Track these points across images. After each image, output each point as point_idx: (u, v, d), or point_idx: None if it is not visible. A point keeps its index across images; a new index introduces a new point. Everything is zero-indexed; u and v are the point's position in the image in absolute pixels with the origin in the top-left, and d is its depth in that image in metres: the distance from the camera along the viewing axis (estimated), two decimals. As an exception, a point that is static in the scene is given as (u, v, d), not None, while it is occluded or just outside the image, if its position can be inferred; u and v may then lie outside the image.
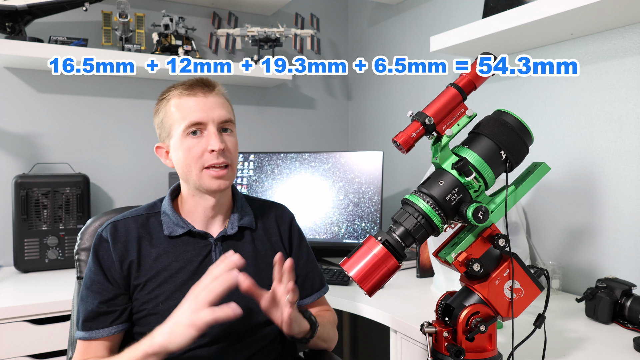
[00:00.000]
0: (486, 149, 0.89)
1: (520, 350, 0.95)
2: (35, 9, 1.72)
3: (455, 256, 0.89)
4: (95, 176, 2.02)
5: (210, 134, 1.04)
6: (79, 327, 1.02)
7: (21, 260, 1.74)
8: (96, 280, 1.02)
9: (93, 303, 1.01)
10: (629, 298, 1.21)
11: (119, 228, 1.06)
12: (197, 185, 1.06)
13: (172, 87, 1.09)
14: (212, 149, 1.03)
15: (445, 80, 1.96)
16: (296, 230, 1.23)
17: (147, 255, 1.05)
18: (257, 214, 1.19)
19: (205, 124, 1.04)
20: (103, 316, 1.01)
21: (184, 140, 1.04)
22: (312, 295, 1.21)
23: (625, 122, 1.39)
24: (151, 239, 1.07)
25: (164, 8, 2.12)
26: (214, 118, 1.05)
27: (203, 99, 1.05)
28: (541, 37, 1.51)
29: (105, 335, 1.00)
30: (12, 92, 1.90)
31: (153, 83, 2.13)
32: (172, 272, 1.05)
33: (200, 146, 1.04)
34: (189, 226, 1.08)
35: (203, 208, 1.09)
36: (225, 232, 1.11)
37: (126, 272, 1.03)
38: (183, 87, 1.07)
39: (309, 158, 1.99)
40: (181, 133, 1.04)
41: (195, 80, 1.08)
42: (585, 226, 1.50)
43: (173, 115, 1.06)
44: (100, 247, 1.04)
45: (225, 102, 1.10)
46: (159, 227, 1.08)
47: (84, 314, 1.01)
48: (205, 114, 1.04)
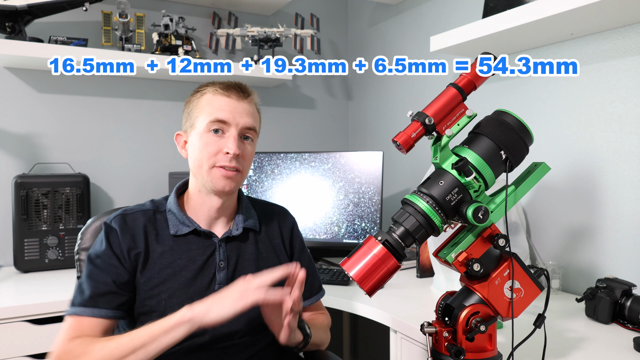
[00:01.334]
0: (486, 149, 0.89)
1: (520, 350, 0.95)
2: (35, 9, 1.72)
3: (455, 256, 0.89)
4: (95, 176, 2.02)
5: (231, 136, 1.06)
6: (81, 302, 0.98)
7: (21, 260, 1.74)
8: (109, 263, 1.01)
9: (107, 280, 0.99)
10: (629, 298, 1.21)
11: (128, 220, 1.06)
12: (204, 182, 1.07)
13: (210, 83, 1.12)
14: (228, 151, 1.05)
15: (445, 80, 1.96)
16: (298, 235, 1.25)
17: (154, 250, 1.05)
18: (261, 217, 1.20)
19: (229, 125, 1.06)
20: (112, 295, 0.99)
21: (205, 135, 1.06)
22: (311, 298, 1.23)
23: (625, 122, 1.39)
24: (157, 235, 1.07)
25: (164, 8, 2.12)
26: (239, 122, 1.07)
27: (235, 102, 1.08)
28: (541, 37, 1.51)
29: (108, 316, 0.98)
30: (12, 92, 1.90)
31: (153, 83, 2.13)
32: (176, 269, 1.05)
33: (218, 145, 1.06)
34: (194, 225, 1.09)
35: (208, 208, 1.10)
36: (230, 232, 1.12)
37: (134, 262, 1.03)
38: (220, 86, 1.09)
39: (309, 158, 1.99)
40: (204, 127, 1.06)
41: (234, 83, 1.11)
42: (585, 226, 1.50)
43: (202, 109, 1.08)
44: (110, 234, 1.04)
45: (255, 112, 1.13)
46: (164, 224, 1.09)
47: (93, 290, 0.99)
48: (232, 116, 1.06)
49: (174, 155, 2.16)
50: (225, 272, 1.08)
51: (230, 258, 1.10)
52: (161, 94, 2.16)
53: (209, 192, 1.09)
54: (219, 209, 1.11)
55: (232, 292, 0.92)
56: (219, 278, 1.08)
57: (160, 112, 2.16)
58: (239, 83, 1.12)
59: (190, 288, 1.05)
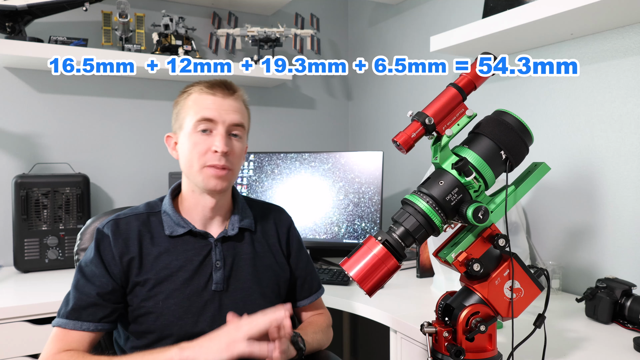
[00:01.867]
0: (486, 149, 0.89)
1: (520, 350, 0.95)
2: (35, 9, 1.72)
3: (455, 256, 0.89)
4: (95, 176, 2.02)
5: (218, 134, 1.06)
6: (65, 314, 0.99)
7: (21, 260, 1.74)
8: (97, 273, 1.02)
9: (90, 293, 1.00)
10: (629, 298, 1.21)
11: (121, 225, 1.06)
12: (196, 182, 1.07)
13: (196, 83, 1.11)
14: (216, 149, 1.04)
15: (445, 80, 1.96)
16: (295, 234, 1.25)
17: (148, 253, 1.05)
18: (257, 217, 1.20)
19: (215, 123, 1.06)
20: (95, 308, 1.00)
21: (193, 135, 1.06)
22: (310, 297, 1.24)
23: (625, 122, 1.39)
24: (152, 237, 1.07)
25: (164, 8, 2.12)
26: (225, 120, 1.07)
27: (220, 100, 1.08)
28: (541, 37, 1.51)
29: (91, 329, 0.99)
30: (12, 92, 1.90)
31: (153, 83, 2.13)
32: (172, 270, 1.05)
33: (206, 144, 1.05)
34: (189, 226, 1.08)
35: (202, 207, 1.10)
36: (225, 232, 1.12)
37: (126, 267, 1.03)
38: (205, 85, 1.09)
39: (309, 158, 1.99)
40: (192, 127, 1.06)
41: (219, 81, 1.11)
42: (585, 226, 1.50)
43: (189, 109, 1.08)
44: (102, 241, 1.04)
45: (242, 108, 1.12)
46: (159, 226, 1.09)
47: (76, 301, 1.00)
48: (217, 114, 1.06)
49: (174, 155, 2.16)
50: (222, 272, 1.08)
51: (226, 258, 1.10)
52: (161, 94, 2.16)
53: (202, 192, 1.09)
54: (213, 208, 1.10)
55: (219, 340, 0.91)
56: (216, 278, 1.07)
57: (161, 112, 2.16)
58: (224, 80, 1.11)
59: (187, 289, 1.05)
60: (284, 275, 1.19)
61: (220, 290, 1.07)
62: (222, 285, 1.08)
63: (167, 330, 1.02)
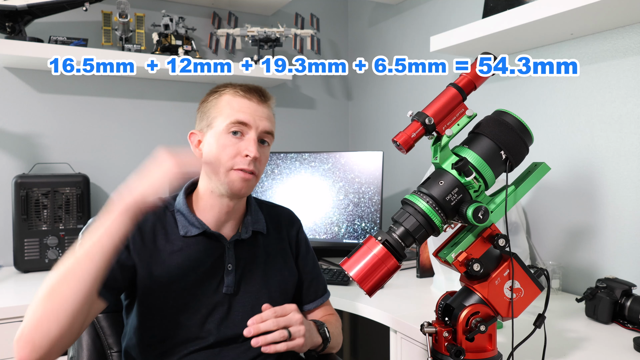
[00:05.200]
0: (486, 149, 0.89)
1: (520, 350, 0.95)
2: (35, 9, 1.72)
3: (455, 256, 0.89)
4: (95, 176, 2.02)
5: (250, 139, 1.05)
6: None
7: (21, 260, 1.74)
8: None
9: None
10: (629, 298, 1.21)
11: None
12: (220, 184, 1.06)
13: (228, 84, 1.11)
14: (248, 154, 1.04)
15: (445, 80, 1.96)
16: (303, 237, 1.26)
17: (162, 249, 1.05)
18: (267, 219, 1.20)
19: (249, 127, 1.06)
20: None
21: (223, 136, 1.05)
22: (316, 300, 1.24)
23: (625, 122, 1.39)
24: (166, 234, 1.07)
25: (164, 8, 2.12)
26: (259, 126, 1.07)
27: (255, 105, 1.08)
28: (541, 37, 1.51)
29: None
30: (12, 92, 1.90)
31: (153, 83, 2.13)
32: (185, 270, 1.04)
33: (237, 147, 1.05)
34: (204, 227, 1.08)
35: (219, 209, 1.09)
36: (239, 235, 1.11)
37: (139, 253, 1.01)
38: (241, 88, 1.09)
39: (309, 158, 1.99)
40: (223, 128, 1.05)
41: (254, 86, 1.11)
42: (585, 226, 1.50)
43: (222, 109, 1.07)
44: None
45: (272, 117, 1.12)
46: (174, 224, 1.08)
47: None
48: (252, 118, 1.06)
49: (174, 155, 2.16)
50: (234, 275, 1.08)
51: (238, 261, 1.10)
52: (161, 94, 2.16)
53: (222, 194, 1.07)
54: (229, 211, 1.10)
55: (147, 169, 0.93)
56: (227, 281, 1.07)
57: (161, 112, 2.16)
58: (259, 87, 1.11)
59: (199, 290, 1.05)
60: (292, 279, 1.19)
61: (231, 293, 1.07)
62: (233, 289, 1.07)
63: (173, 331, 1.02)
